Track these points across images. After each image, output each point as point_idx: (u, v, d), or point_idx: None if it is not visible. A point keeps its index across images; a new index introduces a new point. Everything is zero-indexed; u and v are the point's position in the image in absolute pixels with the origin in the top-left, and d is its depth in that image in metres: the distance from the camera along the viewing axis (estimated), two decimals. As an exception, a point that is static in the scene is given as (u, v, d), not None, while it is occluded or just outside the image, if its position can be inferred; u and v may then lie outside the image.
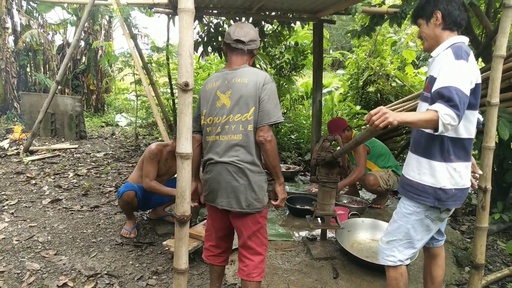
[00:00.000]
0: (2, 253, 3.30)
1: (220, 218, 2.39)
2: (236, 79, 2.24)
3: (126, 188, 3.54)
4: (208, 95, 2.32)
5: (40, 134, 7.84)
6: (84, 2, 7.81)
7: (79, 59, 10.80)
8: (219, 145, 2.24)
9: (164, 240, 3.45)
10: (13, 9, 9.81)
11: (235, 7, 5.22)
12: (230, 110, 2.22)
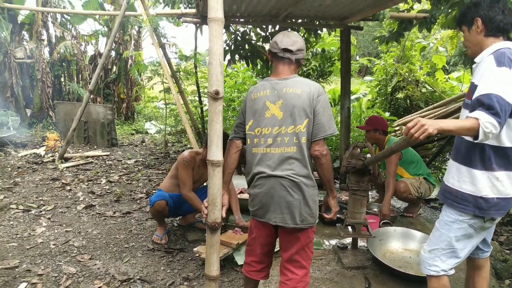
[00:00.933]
0: (40, 256, 3.42)
1: (267, 234, 2.31)
2: (287, 89, 2.17)
3: (157, 197, 3.60)
4: (255, 105, 2.23)
5: (74, 142, 8.09)
6: (115, 14, 8.06)
7: (110, 68, 11.11)
8: (270, 158, 2.15)
9: (194, 247, 3.49)
10: (49, 22, 10.21)
11: (262, 15, 5.27)
12: (282, 122, 2.15)
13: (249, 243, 2.41)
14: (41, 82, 9.93)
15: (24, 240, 3.77)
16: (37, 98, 10.15)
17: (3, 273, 3.10)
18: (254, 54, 6.23)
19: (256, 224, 2.32)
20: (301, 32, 6.47)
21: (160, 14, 6.22)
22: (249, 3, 4.40)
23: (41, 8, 9.33)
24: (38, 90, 10.05)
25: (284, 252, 2.28)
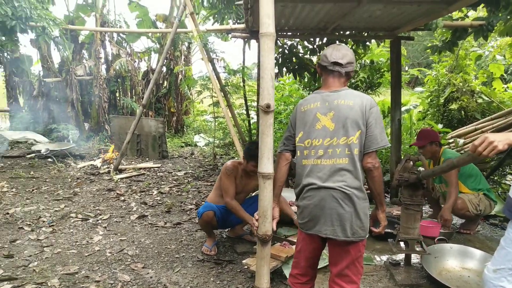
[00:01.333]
0: (97, 263, 3.58)
1: (314, 247, 2.29)
2: (339, 101, 2.18)
3: (205, 208, 3.67)
4: (305, 117, 2.25)
5: (127, 154, 8.45)
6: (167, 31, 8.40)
7: (161, 83, 11.55)
8: (321, 169, 2.15)
9: (243, 259, 3.51)
10: (106, 41, 10.82)
11: (309, 28, 5.30)
12: (333, 133, 2.15)
13: (295, 256, 2.40)
14: (98, 97, 10.51)
15: (82, 247, 3.96)
16: (95, 112, 10.73)
17: (64, 278, 3.27)
18: (302, 67, 6.26)
19: (304, 237, 2.31)
20: (349, 44, 6.42)
21: (210, 30, 6.42)
22: (297, 17, 4.44)
23: (100, 28, 9.93)
24: (95, 105, 10.64)
25: (333, 267, 2.25)
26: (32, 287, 3.13)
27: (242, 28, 5.30)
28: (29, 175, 6.88)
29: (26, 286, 3.14)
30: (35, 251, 3.82)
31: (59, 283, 3.20)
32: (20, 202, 5.33)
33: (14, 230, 4.40)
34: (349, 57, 2.25)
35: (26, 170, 7.24)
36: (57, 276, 3.32)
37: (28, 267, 3.48)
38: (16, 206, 5.15)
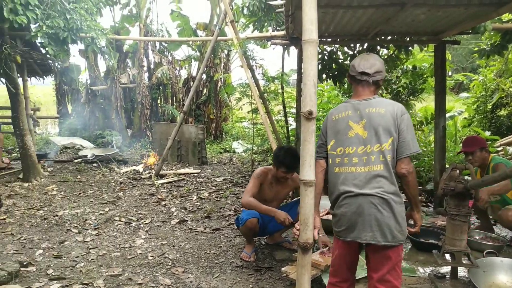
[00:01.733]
0: (140, 266, 3.68)
1: (353, 253, 2.34)
2: (370, 109, 2.23)
3: (249, 215, 3.66)
4: (337, 125, 2.30)
5: (168, 160, 8.64)
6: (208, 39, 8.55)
7: (201, 90, 11.75)
8: (356, 177, 2.18)
9: (282, 266, 3.50)
10: (149, 50, 11.17)
11: (350, 34, 5.23)
12: (367, 141, 2.20)
13: (333, 264, 2.41)
14: (140, 104, 10.85)
15: (126, 250, 4.08)
16: (137, 119, 11.08)
17: (109, 280, 3.38)
18: (342, 73, 6.18)
19: (342, 244, 2.33)
20: (391, 49, 6.29)
21: (250, 37, 6.49)
22: (338, 23, 4.40)
23: (144, 38, 10.27)
24: (138, 112, 10.98)
25: (374, 273, 2.25)
26: (79, 287, 3.25)
27: (282, 35, 5.32)
28: (76, 179, 7.18)
29: (73, 286, 3.26)
30: (81, 253, 3.98)
31: (104, 284, 3.30)
32: (68, 205, 5.57)
33: (63, 231, 4.60)
34: (377, 66, 2.30)
35: (74, 174, 7.56)
36: (102, 277, 3.43)
37: (75, 268, 3.62)
38: (64, 209, 5.38)
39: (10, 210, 5.27)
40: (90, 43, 6.12)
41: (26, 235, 4.42)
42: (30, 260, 3.73)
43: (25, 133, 6.60)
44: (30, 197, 5.94)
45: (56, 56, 5.71)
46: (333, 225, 2.34)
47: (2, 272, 3.25)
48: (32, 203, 5.64)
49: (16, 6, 5.08)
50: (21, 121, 6.54)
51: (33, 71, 8.35)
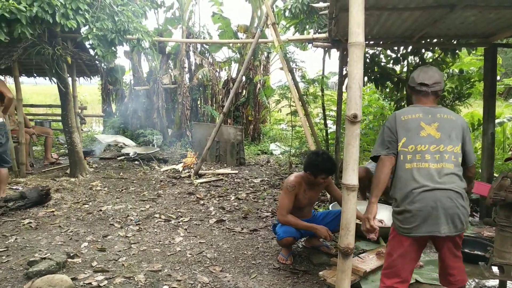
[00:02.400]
0: (178, 263, 3.76)
1: (418, 251, 2.46)
2: (442, 114, 2.46)
3: (285, 234, 3.67)
4: (407, 125, 2.43)
5: (206, 159, 8.77)
6: (249, 41, 8.62)
7: (240, 92, 11.84)
8: (430, 172, 2.33)
9: (319, 270, 3.47)
10: (190, 51, 11.39)
11: (394, 36, 5.13)
12: (440, 141, 2.38)
13: (393, 265, 2.43)
14: (181, 105, 11.07)
15: (165, 247, 4.18)
16: (177, 119, 11.32)
17: (149, 275, 3.48)
18: (384, 76, 6.06)
19: (410, 242, 2.39)
20: (436, 52, 6.10)
21: (291, 40, 6.48)
22: (382, 26, 4.32)
23: (185, 40, 10.49)
24: (178, 112, 11.22)
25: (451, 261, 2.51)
26: (121, 280, 3.36)
27: (324, 38, 5.28)
28: (119, 176, 7.43)
29: (116, 278, 3.38)
30: (123, 247, 4.11)
31: (144, 278, 3.40)
32: (111, 201, 5.77)
33: (106, 226, 4.77)
34: (436, 78, 2.51)
35: (116, 171, 7.83)
36: (142, 272, 3.54)
37: (117, 261, 3.75)
38: (107, 204, 5.59)
39: (58, 204, 5.53)
40: (136, 45, 6.32)
41: (73, 228, 4.62)
42: (76, 252, 3.90)
43: (73, 130, 6.91)
44: (76, 191, 6.20)
45: (104, 57, 5.94)
46: (401, 222, 2.38)
47: (51, 262, 3.42)
48: (78, 197, 5.89)
49: (67, 11, 5.35)
50: (70, 119, 6.85)
51: (82, 71, 8.72)
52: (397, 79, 6.21)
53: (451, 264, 2.50)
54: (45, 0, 5.15)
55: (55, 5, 5.21)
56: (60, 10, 5.32)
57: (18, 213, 5.07)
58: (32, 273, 3.29)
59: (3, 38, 5.20)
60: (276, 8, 8.98)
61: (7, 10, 4.98)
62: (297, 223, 3.62)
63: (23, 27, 5.23)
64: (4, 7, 4.94)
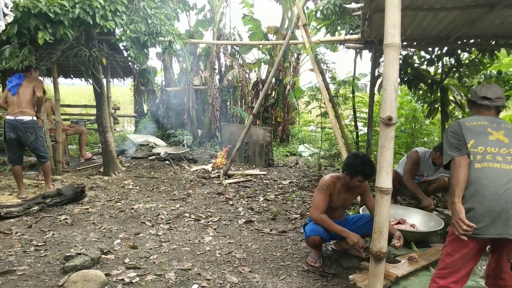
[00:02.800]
0: (208, 263, 3.80)
1: (480, 250, 2.42)
2: (506, 125, 2.54)
3: (312, 232, 3.66)
4: (475, 129, 2.50)
5: (235, 160, 8.83)
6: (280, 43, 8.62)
7: (270, 93, 11.87)
8: (502, 173, 2.33)
9: (349, 273, 3.43)
10: (221, 53, 11.50)
11: (429, 37, 5.01)
12: (509, 145, 2.42)
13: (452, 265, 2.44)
14: (211, 106, 11.20)
15: (195, 246, 4.24)
16: (207, 120, 11.45)
17: (179, 273, 3.53)
18: (417, 78, 5.93)
19: (475, 243, 2.37)
20: (473, 53, 5.92)
21: (323, 41, 6.44)
22: (417, 26, 4.23)
23: (216, 41, 10.60)
24: (208, 113, 11.35)
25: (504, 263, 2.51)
26: (153, 277, 3.43)
27: (356, 39, 5.22)
28: (150, 175, 7.58)
29: (147, 276, 3.45)
30: (154, 245, 4.19)
31: (175, 277, 3.46)
32: (143, 199, 5.90)
33: (138, 224, 4.88)
34: (499, 93, 2.61)
35: (148, 170, 7.99)
36: (173, 270, 3.59)
37: (149, 259, 3.82)
38: (139, 202, 5.71)
39: (92, 201, 5.69)
40: (168, 47, 6.44)
41: (106, 225, 4.75)
42: (109, 249, 4.00)
43: (107, 130, 7.10)
44: (109, 189, 6.37)
45: (136, 59, 6.08)
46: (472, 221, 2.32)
47: (86, 258, 3.52)
48: (111, 195, 6.05)
49: (106, 12, 5.51)
50: (104, 119, 7.04)
51: (116, 72, 8.96)
52: (431, 80, 6.06)
53: (505, 268, 2.51)
54: (86, 2, 5.33)
55: (95, 6, 5.39)
56: (100, 11, 5.49)
57: (55, 209, 5.26)
58: (68, 268, 3.40)
59: (48, 39, 5.41)
60: (307, 10, 8.96)
61: (52, 10, 5.17)
62: (330, 224, 3.58)
63: (65, 28, 5.41)
64: (48, 4, 5.13)
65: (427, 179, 5.19)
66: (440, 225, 4.13)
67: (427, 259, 3.61)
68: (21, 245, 4.04)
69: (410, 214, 4.56)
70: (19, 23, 5.19)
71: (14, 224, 4.67)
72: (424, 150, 5.18)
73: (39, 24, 5.28)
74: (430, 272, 3.43)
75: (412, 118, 7.82)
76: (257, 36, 11.43)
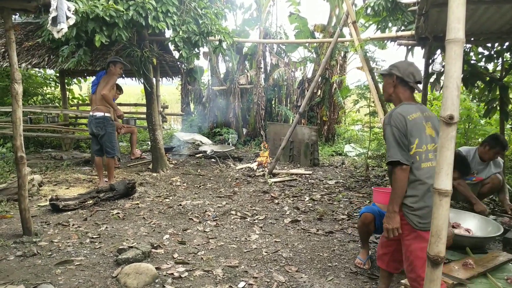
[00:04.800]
0: (255, 261, 3.80)
1: None
2: (428, 113, 2.61)
3: (367, 209, 3.60)
4: (416, 125, 2.52)
5: (280, 159, 8.81)
6: (328, 41, 8.50)
7: (315, 92, 11.75)
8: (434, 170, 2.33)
9: (399, 278, 3.30)
10: (266, 52, 11.52)
11: (489, 32, 4.75)
12: (435, 139, 2.54)
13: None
14: (256, 104, 11.25)
15: (241, 243, 4.26)
16: (252, 118, 11.51)
17: (227, 270, 3.56)
18: (474, 76, 5.64)
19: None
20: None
21: (374, 38, 6.27)
22: (476, 21, 4.02)
23: (263, 40, 10.63)
24: (253, 111, 11.40)
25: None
26: (201, 273, 3.49)
27: (409, 35, 5.04)
28: (197, 172, 7.72)
29: (196, 271, 3.51)
30: (202, 241, 4.26)
31: (222, 273, 3.49)
32: (190, 196, 6.02)
33: (185, 220, 4.98)
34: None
35: (194, 167, 8.15)
36: (220, 266, 3.63)
37: (197, 255, 3.89)
38: (186, 199, 5.83)
39: (142, 197, 5.88)
40: (218, 46, 6.52)
41: (155, 220, 4.89)
42: (159, 243, 4.11)
43: (156, 128, 7.31)
44: (158, 186, 6.55)
45: (187, 59, 6.21)
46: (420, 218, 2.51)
47: (137, 251, 3.64)
48: (159, 191, 6.22)
49: (158, 14, 5.67)
50: (154, 117, 7.26)
51: (165, 72, 9.21)
52: (490, 78, 5.74)
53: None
54: (139, 4, 5.52)
55: (147, 8, 5.56)
56: (152, 13, 5.67)
57: (107, 203, 5.48)
58: (121, 260, 3.53)
59: (104, 41, 5.65)
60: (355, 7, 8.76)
61: (108, 14, 5.39)
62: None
63: (120, 30, 5.64)
64: (105, 9, 5.36)
65: (479, 178, 4.92)
66: (498, 231, 3.89)
67: (483, 265, 3.41)
68: (78, 237, 4.24)
69: (465, 218, 4.33)
70: (77, 26, 5.45)
71: (71, 216, 4.92)
72: (467, 149, 4.98)
73: (96, 27, 5.52)
74: (488, 279, 3.25)
75: (467, 117, 7.45)
76: (303, 35, 11.35)
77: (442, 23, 4.02)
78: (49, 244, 4.03)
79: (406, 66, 2.69)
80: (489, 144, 4.71)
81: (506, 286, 3.16)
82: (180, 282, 3.31)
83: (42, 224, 4.60)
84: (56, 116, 9.90)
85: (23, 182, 4.02)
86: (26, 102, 11.08)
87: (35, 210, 5.10)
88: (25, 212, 4.04)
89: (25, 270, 3.43)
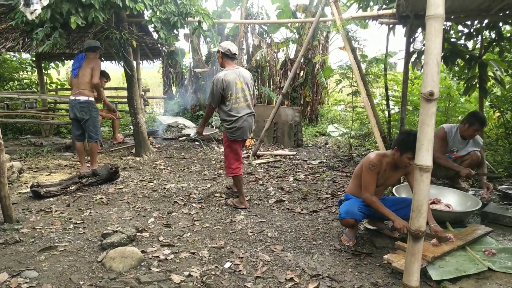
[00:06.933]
0: (240, 241, 3.83)
1: (241, 146, 4.94)
2: (242, 73, 4.59)
3: (346, 215, 3.63)
4: (230, 84, 4.44)
5: (264, 141, 8.82)
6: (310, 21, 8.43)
7: (298, 73, 11.71)
8: (243, 107, 4.62)
9: (382, 253, 3.41)
10: (248, 33, 11.39)
11: (468, 10, 4.77)
12: (244, 89, 4.58)
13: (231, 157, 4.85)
14: (239, 86, 11.15)
15: (227, 224, 4.28)
16: (235, 100, 11.43)
17: (212, 251, 3.58)
18: (454, 54, 5.69)
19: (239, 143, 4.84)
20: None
21: (356, 17, 6.24)
22: (456, -2, 4.03)
23: (245, 21, 10.49)
24: (236, 93, 11.32)
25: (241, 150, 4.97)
26: (187, 255, 3.50)
27: (390, 14, 5.03)
28: (180, 155, 7.68)
29: (182, 253, 3.52)
30: (187, 224, 4.26)
31: (208, 254, 3.51)
32: (174, 179, 5.99)
33: (170, 203, 4.97)
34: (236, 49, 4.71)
35: (178, 151, 8.11)
36: (206, 248, 3.65)
37: (182, 237, 3.90)
38: (171, 182, 5.81)
39: (126, 181, 5.83)
40: (197, 27, 6.41)
41: (140, 204, 4.86)
42: (144, 227, 4.10)
43: (138, 111, 7.21)
44: (141, 170, 6.50)
45: (166, 40, 6.10)
46: (231, 134, 4.63)
47: (122, 235, 3.62)
48: (143, 175, 6.18)
49: (135, -6, 5.54)
50: (135, 101, 7.14)
51: (145, 55, 9.03)
52: (469, 56, 5.81)
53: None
54: (116, -16, 5.35)
55: (124, -12, 5.40)
56: (129, -7, 5.51)
57: (90, 189, 5.42)
58: (106, 245, 3.51)
59: (80, 23, 5.49)
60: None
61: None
62: (379, 207, 3.52)
63: (96, 11, 5.47)
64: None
65: (458, 155, 5.03)
66: (477, 205, 4.00)
67: (463, 239, 3.52)
68: (61, 223, 4.20)
69: (445, 194, 4.45)
70: (52, 7, 5.27)
71: (54, 203, 4.86)
72: (450, 126, 5.05)
73: (72, 9, 5.36)
74: (466, 252, 3.35)
75: (447, 96, 7.55)
76: (285, 15, 11.24)
77: (422, 0, 4.02)
78: (31, 231, 3.98)
79: (225, 45, 4.53)
80: (469, 121, 4.79)
81: (484, 258, 3.27)
82: (166, 264, 3.31)
83: (23, 211, 4.54)
84: (35, 102, 9.66)
85: (1, 169, 3.93)
86: (2, 87, 10.78)
87: (16, 197, 5.01)
88: (5, 199, 3.96)
89: (7, 257, 3.38)
